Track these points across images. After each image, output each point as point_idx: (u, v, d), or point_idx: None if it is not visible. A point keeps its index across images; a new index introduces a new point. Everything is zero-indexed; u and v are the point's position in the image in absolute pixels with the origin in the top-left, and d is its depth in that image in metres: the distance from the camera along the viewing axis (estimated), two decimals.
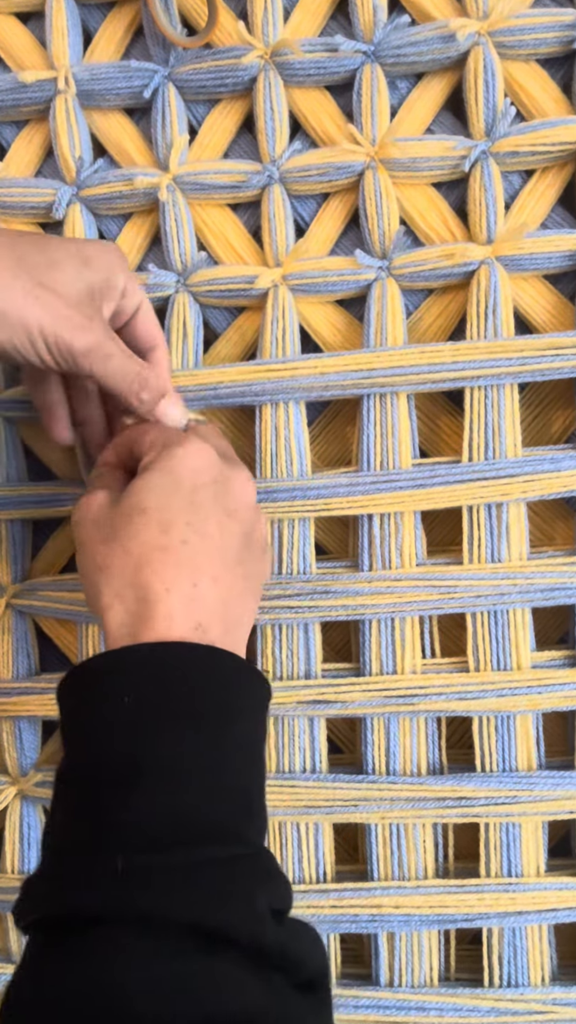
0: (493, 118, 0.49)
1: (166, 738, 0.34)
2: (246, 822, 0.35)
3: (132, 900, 0.31)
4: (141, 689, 0.35)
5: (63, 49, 0.53)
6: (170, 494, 0.40)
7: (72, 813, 0.35)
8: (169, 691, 0.35)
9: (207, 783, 0.34)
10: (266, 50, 0.51)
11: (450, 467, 0.49)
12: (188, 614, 0.37)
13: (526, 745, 0.50)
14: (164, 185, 0.52)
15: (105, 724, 0.35)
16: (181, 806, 0.33)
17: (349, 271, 0.50)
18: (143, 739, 0.34)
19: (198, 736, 0.35)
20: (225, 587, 0.39)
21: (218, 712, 0.36)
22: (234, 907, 0.32)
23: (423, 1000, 0.51)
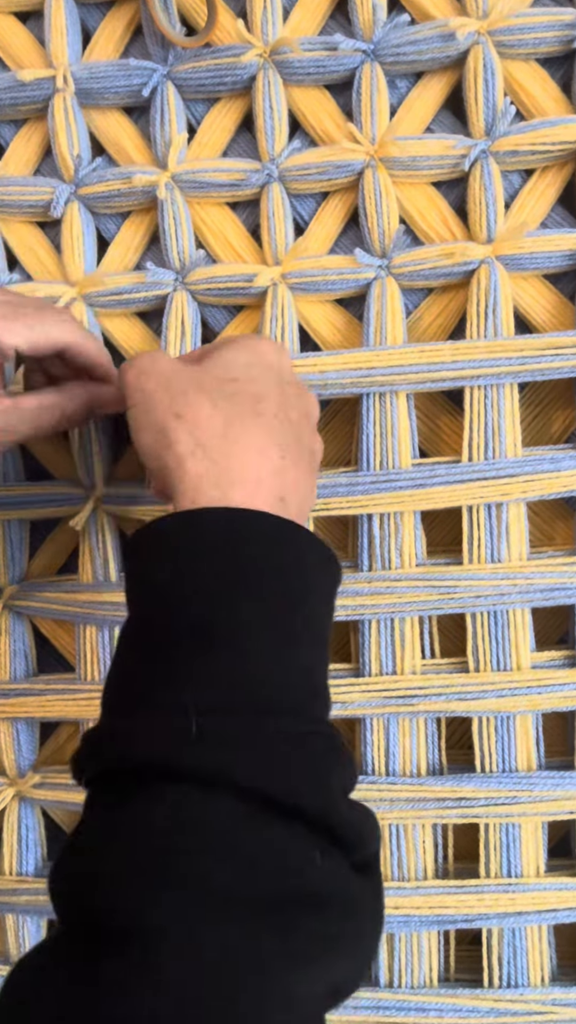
0: (493, 117, 0.49)
1: (243, 607, 0.33)
2: (313, 700, 0.35)
3: (206, 759, 0.30)
4: (224, 554, 0.34)
5: (62, 48, 0.53)
6: (259, 372, 0.40)
7: (139, 669, 0.34)
8: (250, 561, 0.34)
9: (280, 656, 0.33)
10: (265, 49, 0.51)
11: (450, 467, 0.49)
12: (274, 484, 0.37)
13: (526, 745, 0.50)
14: (162, 183, 0.52)
15: (182, 583, 0.34)
16: (254, 674, 0.32)
17: (348, 270, 0.50)
18: (220, 604, 0.33)
19: (273, 609, 0.34)
20: (302, 469, 0.39)
21: (293, 589, 0.35)
22: (309, 781, 0.31)
23: (423, 1001, 0.50)
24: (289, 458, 0.38)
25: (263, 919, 0.28)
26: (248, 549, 0.35)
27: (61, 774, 0.55)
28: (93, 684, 0.53)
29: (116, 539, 0.54)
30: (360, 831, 0.32)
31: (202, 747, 0.30)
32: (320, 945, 0.29)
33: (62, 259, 0.54)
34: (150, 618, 0.35)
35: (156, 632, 0.34)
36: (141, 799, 0.30)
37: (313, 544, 0.37)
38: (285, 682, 0.33)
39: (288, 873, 0.29)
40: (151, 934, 0.27)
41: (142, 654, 0.34)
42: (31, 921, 0.56)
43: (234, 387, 0.39)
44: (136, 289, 0.52)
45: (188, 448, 0.37)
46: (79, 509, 0.53)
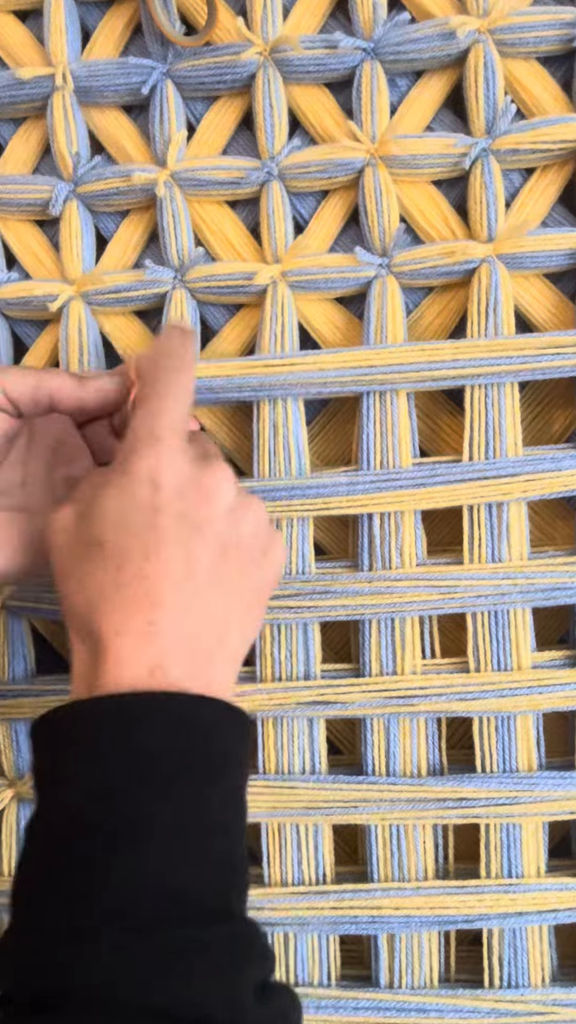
0: (493, 116, 0.49)
1: (136, 805, 0.32)
2: (229, 889, 0.34)
3: (107, 986, 0.29)
4: (105, 749, 0.33)
5: (61, 46, 0.52)
6: (127, 521, 0.36)
7: (41, 880, 0.33)
8: (133, 750, 0.33)
9: (176, 849, 0.32)
10: (265, 47, 0.50)
11: (450, 466, 0.49)
12: (141, 658, 0.34)
13: (526, 746, 0.50)
14: (162, 181, 0.51)
15: (73, 781, 0.33)
16: (148, 877, 0.31)
17: (349, 268, 0.50)
18: (112, 806, 0.32)
19: (170, 800, 0.33)
20: (197, 615, 0.36)
21: (189, 769, 0.34)
22: (215, 993, 0.30)
23: (423, 1002, 0.50)
24: (164, 618, 0.35)
25: None
26: (130, 738, 0.33)
27: None
28: None
29: None
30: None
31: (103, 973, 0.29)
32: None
33: (60, 257, 0.54)
34: (50, 820, 0.34)
35: (56, 838, 0.33)
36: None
37: (203, 708, 0.35)
38: (192, 880, 0.32)
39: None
40: None
41: (45, 859, 0.33)
42: None
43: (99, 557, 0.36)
44: (135, 287, 0.52)
45: (72, 644, 0.37)
46: None
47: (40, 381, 0.43)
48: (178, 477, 0.37)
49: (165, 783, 0.33)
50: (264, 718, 0.51)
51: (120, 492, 0.37)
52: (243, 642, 0.39)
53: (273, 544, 0.40)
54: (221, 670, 0.37)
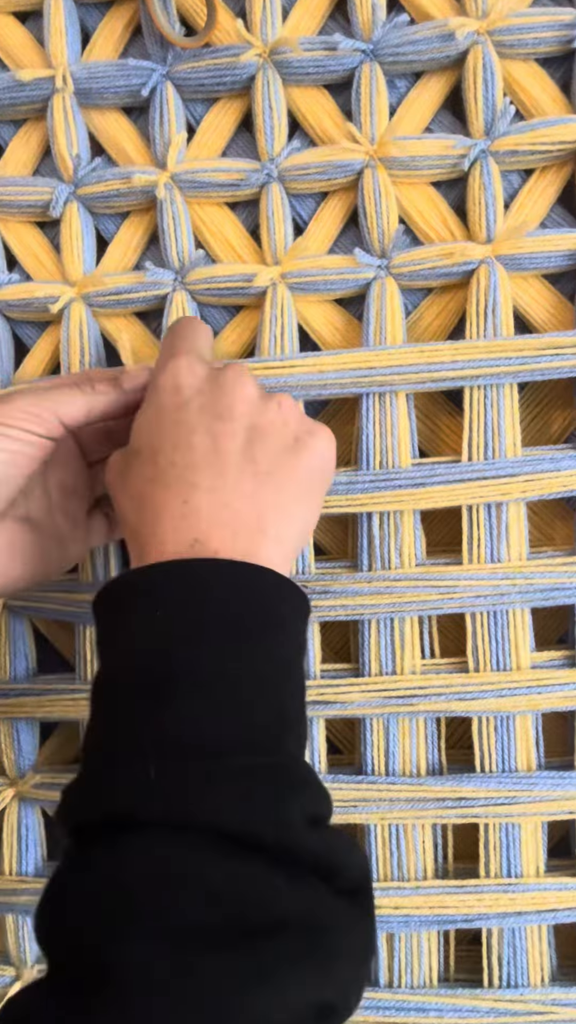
0: (492, 117, 0.49)
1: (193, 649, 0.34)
2: (280, 733, 0.35)
3: (159, 805, 0.31)
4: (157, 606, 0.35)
5: (61, 48, 0.53)
6: (156, 425, 0.39)
7: (104, 723, 0.35)
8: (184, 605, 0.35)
9: (239, 698, 0.34)
10: (264, 48, 0.51)
11: (450, 466, 0.49)
12: (179, 534, 0.37)
13: (525, 745, 0.50)
14: (162, 183, 0.52)
15: (130, 635, 0.36)
16: (213, 718, 0.33)
17: (348, 270, 0.50)
18: (172, 650, 0.34)
19: (208, 646, 0.35)
20: (228, 492, 0.38)
21: (230, 622, 0.35)
22: (260, 811, 0.32)
23: (422, 1001, 0.50)
24: (196, 495, 0.37)
25: (225, 946, 0.29)
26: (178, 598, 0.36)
27: (61, 774, 0.55)
28: None
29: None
30: (331, 857, 0.33)
31: (155, 794, 0.32)
32: (286, 965, 0.30)
33: (61, 259, 0.54)
34: (109, 672, 0.37)
35: (115, 684, 0.36)
36: (105, 847, 0.32)
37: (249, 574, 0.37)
38: (247, 722, 0.34)
39: (246, 902, 0.30)
40: (119, 970, 0.29)
41: (107, 706, 0.36)
42: (31, 922, 0.56)
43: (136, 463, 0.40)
44: (135, 289, 0.52)
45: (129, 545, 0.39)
46: None
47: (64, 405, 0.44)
48: (197, 378, 0.40)
49: (216, 634, 0.35)
50: None
51: (148, 405, 0.41)
52: (289, 526, 0.39)
53: (309, 433, 0.41)
54: (266, 550, 0.38)
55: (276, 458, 0.39)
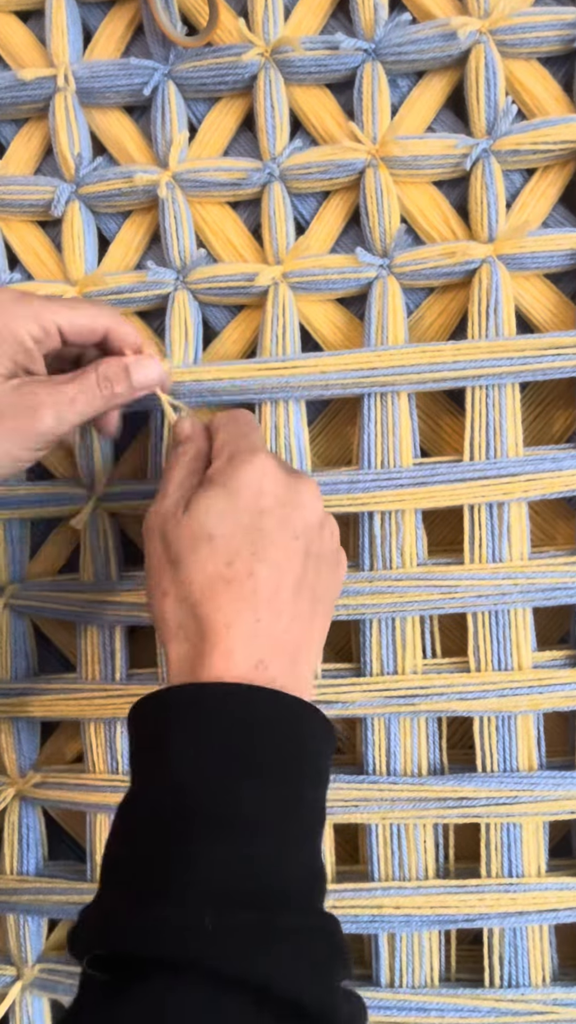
0: (494, 116, 0.49)
1: (236, 790, 0.34)
2: (314, 889, 0.35)
3: (208, 956, 0.30)
4: (216, 733, 0.35)
5: (63, 47, 0.53)
6: (236, 520, 0.39)
7: (139, 851, 0.34)
8: (243, 738, 0.35)
9: (285, 845, 0.34)
10: (266, 48, 0.51)
11: (451, 466, 0.49)
12: (249, 651, 0.36)
13: (527, 745, 0.50)
14: (163, 182, 0.52)
15: (174, 768, 0.34)
16: (261, 867, 0.33)
17: (350, 269, 0.50)
18: (218, 790, 0.34)
19: (267, 790, 0.34)
20: (290, 616, 0.38)
21: (285, 764, 0.35)
22: (312, 979, 0.31)
23: (424, 1001, 0.50)
24: (267, 615, 0.37)
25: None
26: (235, 727, 0.35)
27: (62, 773, 0.55)
28: (94, 684, 0.53)
29: (117, 538, 0.54)
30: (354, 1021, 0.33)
31: (203, 943, 0.30)
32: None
33: (63, 258, 0.54)
34: (149, 797, 0.35)
35: (160, 814, 0.34)
36: (145, 992, 0.30)
37: (302, 711, 0.37)
38: (290, 874, 0.34)
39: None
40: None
41: (145, 835, 0.34)
42: (32, 921, 0.56)
43: (208, 550, 0.38)
44: (137, 288, 0.52)
45: (172, 631, 0.38)
46: (80, 508, 0.53)
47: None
48: (278, 486, 0.40)
49: (271, 776, 0.34)
50: None
51: (228, 493, 0.39)
52: (319, 647, 0.41)
53: (343, 556, 0.44)
54: (305, 672, 0.39)
55: (326, 584, 0.41)
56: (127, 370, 0.46)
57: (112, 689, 0.53)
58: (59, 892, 0.54)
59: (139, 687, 0.52)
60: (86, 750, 0.54)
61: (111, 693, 0.53)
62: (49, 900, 0.54)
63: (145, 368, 0.46)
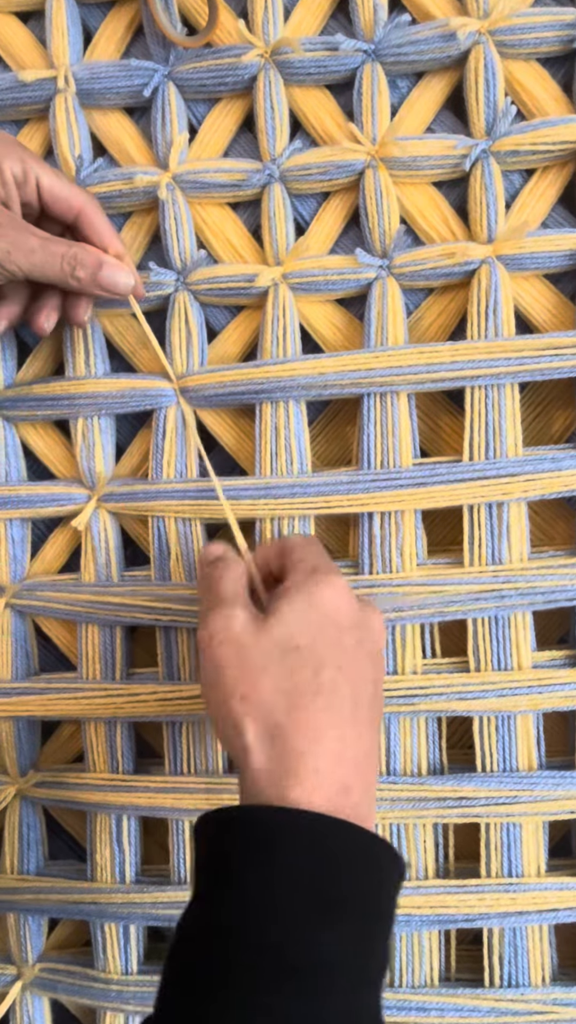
0: (494, 117, 0.49)
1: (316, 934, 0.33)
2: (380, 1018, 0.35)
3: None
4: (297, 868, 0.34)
5: (63, 48, 0.53)
6: (320, 632, 0.39)
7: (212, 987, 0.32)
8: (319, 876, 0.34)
9: (357, 981, 0.33)
10: (266, 49, 0.51)
11: (451, 466, 0.49)
12: (335, 773, 0.36)
13: (527, 745, 0.50)
14: (164, 184, 0.52)
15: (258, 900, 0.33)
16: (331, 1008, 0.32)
17: (349, 270, 0.50)
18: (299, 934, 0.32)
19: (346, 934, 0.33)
20: (365, 740, 0.38)
21: (366, 906, 0.34)
22: None
23: (423, 1000, 0.50)
24: (349, 735, 0.37)
25: None
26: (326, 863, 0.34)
27: (62, 773, 0.55)
28: (94, 683, 0.53)
29: (118, 538, 0.54)
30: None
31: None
32: None
33: None
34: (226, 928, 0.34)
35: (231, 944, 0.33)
36: None
37: (384, 850, 0.36)
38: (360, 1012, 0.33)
39: None
40: None
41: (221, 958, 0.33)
42: (32, 920, 0.56)
43: (296, 660, 0.38)
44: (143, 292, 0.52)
45: (250, 739, 0.37)
46: (81, 508, 0.53)
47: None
48: (353, 608, 0.41)
49: (351, 918, 0.33)
50: None
51: (312, 606, 0.39)
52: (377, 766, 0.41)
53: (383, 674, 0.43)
54: (373, 795, 0.38)
55: (379, 703, 0.41)
56: (99, 264, 0.47)
57: (112, 689, 0.53)
58: (59, 892, 0.54)
59: (139, 687, 0.53)
60: (86, 750, 0.54)
61: (111, 693, 0.53)
62: (49, 900, 0.54)
63: (116, 272, 0.48)
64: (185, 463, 0.52)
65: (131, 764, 0.54)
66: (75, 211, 0.48)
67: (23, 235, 0.45)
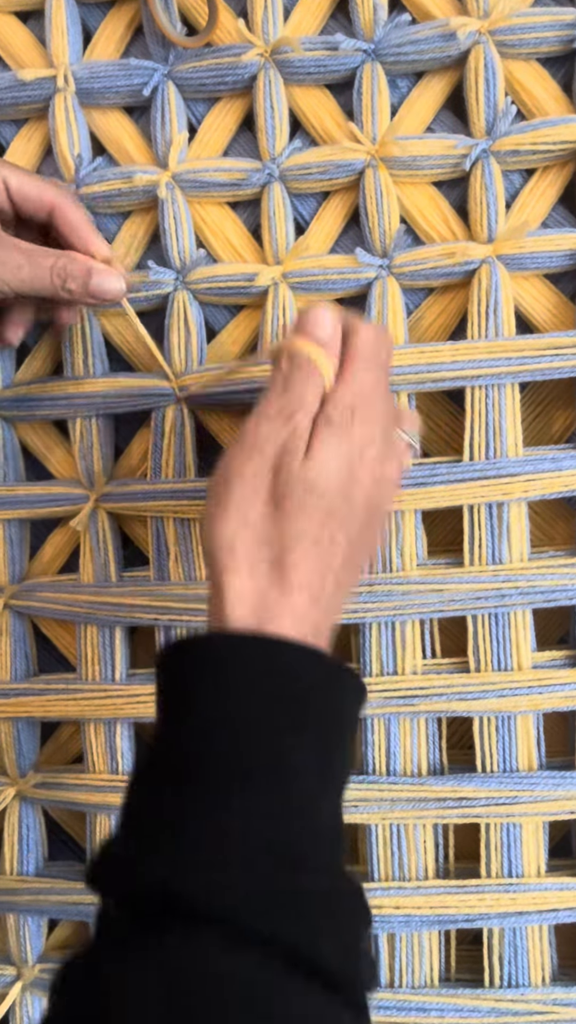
0: (494, 117, 0.49)
1: (286, 749, 0.33)
2: (338, 849, 0.34)
3: (238, 911, 0.30)
4: (266, 690, 0.34)
5: (63, 47, 0.53)
6: (341, 482, 0.38)
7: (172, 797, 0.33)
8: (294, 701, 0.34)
9: (317, 805, 0.33)
10: (266, 48, 0.51)
11: (451, 466, 0.49)
12: (310, 615, 0.36)
13: (527, 745, 0.50)
14: (163, 183, 0.52)
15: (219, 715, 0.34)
16: (293, 824, 0.32)
17: (349, 269, 0.50)
18: (262, 743, 0.33)
19: (314, 753, 0.34)
20: (344, 587, 0.39)
21: (331, 733, 0.35)
22: (342, 946, 0.31)
23: (424, 1001, 0.50)
24: (330, 584, 0.37)
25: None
26: (292, 687, 0.34)
27: (62, 774, 0.55)
28: (94, 684, 0.53)
29: (117, 539, 0.54)
30: (368, 984, 0.33)
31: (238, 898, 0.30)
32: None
33: None
34: (186, 740, 0.34)
35: (192, 759, 0.33)
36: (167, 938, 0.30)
37: (349, 678, 0.37)
38: (319, 834, 0.33)
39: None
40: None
41: (176, 780, 0.33)
42: (32, 921, 0.56)
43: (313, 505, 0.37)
44: (136, 288, 0.52)
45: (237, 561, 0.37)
46: (79, 509, 0.53)
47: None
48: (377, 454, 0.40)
49: (310, 730, 0.34)
50: None
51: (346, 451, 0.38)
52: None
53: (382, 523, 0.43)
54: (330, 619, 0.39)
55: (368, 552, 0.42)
56: (88, 272, 0.46)
57: (112, 689, 0.53)
58: (59, 892, 0.54)
59: (139, 687, 0.53)
60: (86, 750, 0.54)
61: (111, 693, 0.53)
62: (49, 900, 0.54)
63: (106, 279, 0.46)
64: (184, 463, 0.52)
65: (131, 765, 0.54)
66: (47, 207, 0.47)
67: (8, 251, 0.44)
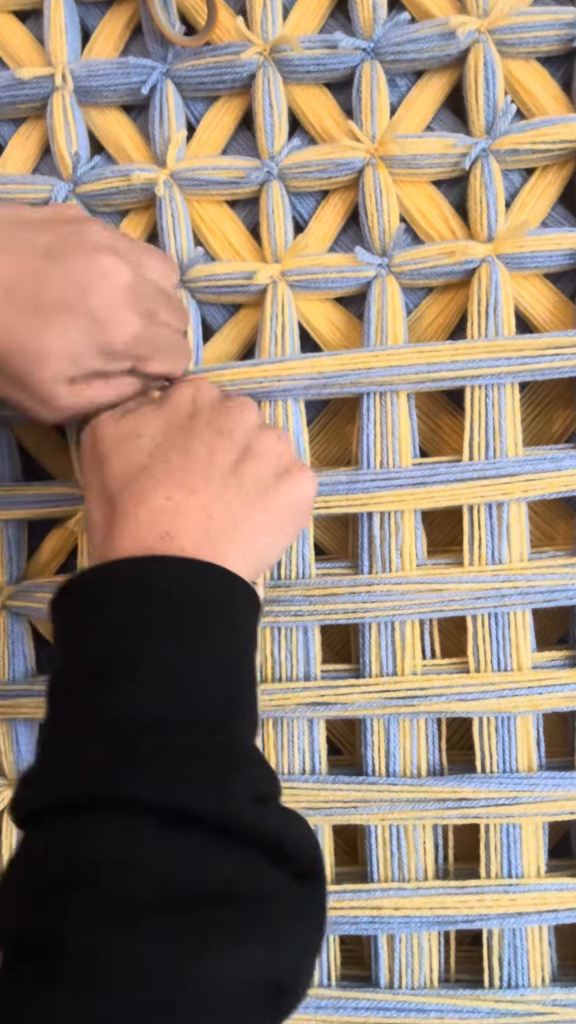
0: (493, 116, 0.49)
1: (136, 640, 0.36)
2: (226, 716, 0.36)
3: (101, 785, 0.32)
4: (113, 599, 0.37)
5: (61, 46, 0.52)
6: (166, 421, 0.42)
7: (55, 715, 0.37)
8: (138, 598, 0.36)
9: (182, 682, 0.35)
10: (265, 47, 0.50)
11: (450, 466, 0.49)
12: (154, 526, 0.38)
13: (526, 746, 0.50)
14: (161, 181, 0.51)
15: (78, 632, 0.37)
16: (153, 699, 0.35)
17: (349, 268, 0.50)
18: (116, 642, 0.36)
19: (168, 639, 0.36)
20: (210, 498, 0.40)
21: (186, 615, 0.37)
22: (201, 786, 0.33)
23: (423, 1002, 0.50)
24: (179, 494, 0.39)
25: (165, 918, 0.30)
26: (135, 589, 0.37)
27: None
28: None
29: None
30: (276, 834, 0.34)
31: (98, 775, 0.33)
32: (227, 934, 0.31)
33: None
34: (60, 667, 0.38)
35: (64, 677, 0.37)
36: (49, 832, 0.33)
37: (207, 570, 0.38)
38: (189, 702, 0.35)
39: (185, 874, 0.31)
40: (66, 950, 0.30)
41: (58, 698, 0.37)
42: None
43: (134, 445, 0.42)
44: None
45: (92, 518, 0.41)
46: (77, 509, 0.53)
47: None
48: (212, 398, 0.45)
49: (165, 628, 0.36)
50: (264, 719, 0.51)
51: (163, 405, 0.44)
52: (257, 546, 0.41)
53: (298, 469, 0.44)
54: (232, 560, 0.39)
55: (262, 482, 0.42)
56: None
57: None
58: None
59: None
60: None
61: None
62: None
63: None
64: None
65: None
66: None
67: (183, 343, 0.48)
